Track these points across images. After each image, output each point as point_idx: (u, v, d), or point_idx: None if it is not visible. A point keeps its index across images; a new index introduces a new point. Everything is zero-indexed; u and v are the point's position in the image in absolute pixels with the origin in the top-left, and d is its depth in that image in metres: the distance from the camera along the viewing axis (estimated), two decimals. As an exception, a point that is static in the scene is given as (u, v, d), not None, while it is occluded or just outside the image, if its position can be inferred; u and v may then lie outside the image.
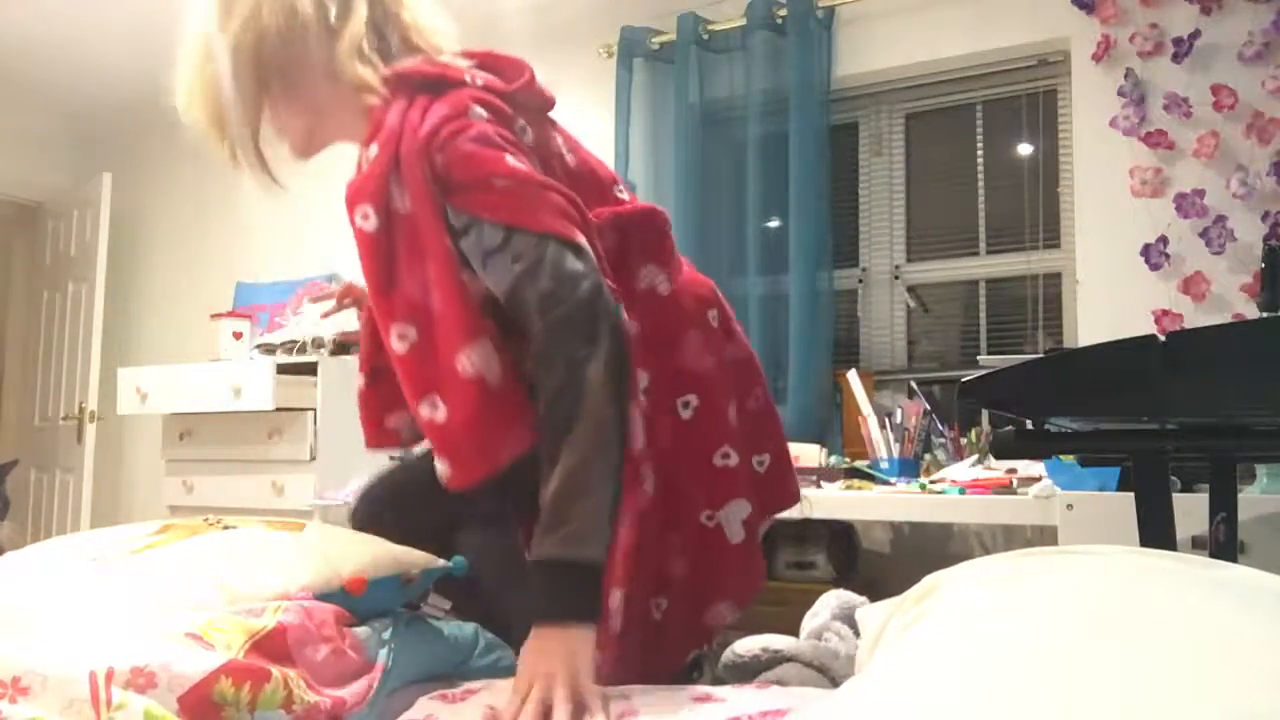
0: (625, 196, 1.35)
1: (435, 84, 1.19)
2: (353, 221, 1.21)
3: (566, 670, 0.95)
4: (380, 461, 1.59)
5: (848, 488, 2.53)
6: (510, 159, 1.13)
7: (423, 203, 1.14)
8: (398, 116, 1.18)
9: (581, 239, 1.12)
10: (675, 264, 1.36)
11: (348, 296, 1.66)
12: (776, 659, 1.37)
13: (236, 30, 1.26)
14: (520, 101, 1.24)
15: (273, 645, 0.87)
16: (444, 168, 1.12)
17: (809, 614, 1.33)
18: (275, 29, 1.23)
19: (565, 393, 1.05)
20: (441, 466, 1.14)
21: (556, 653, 0.97)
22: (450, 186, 1.13)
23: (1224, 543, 1.38)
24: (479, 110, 1.15)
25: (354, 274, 2.03)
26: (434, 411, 1.14)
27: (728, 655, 1.44)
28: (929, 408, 2.77)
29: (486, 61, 1.28)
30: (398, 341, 1.17)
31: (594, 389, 1.05)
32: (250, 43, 1.26)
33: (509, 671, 1.18)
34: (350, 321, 3.69)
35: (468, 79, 1.20)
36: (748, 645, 1.43)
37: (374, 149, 1.19)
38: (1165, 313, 2.69)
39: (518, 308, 1.11)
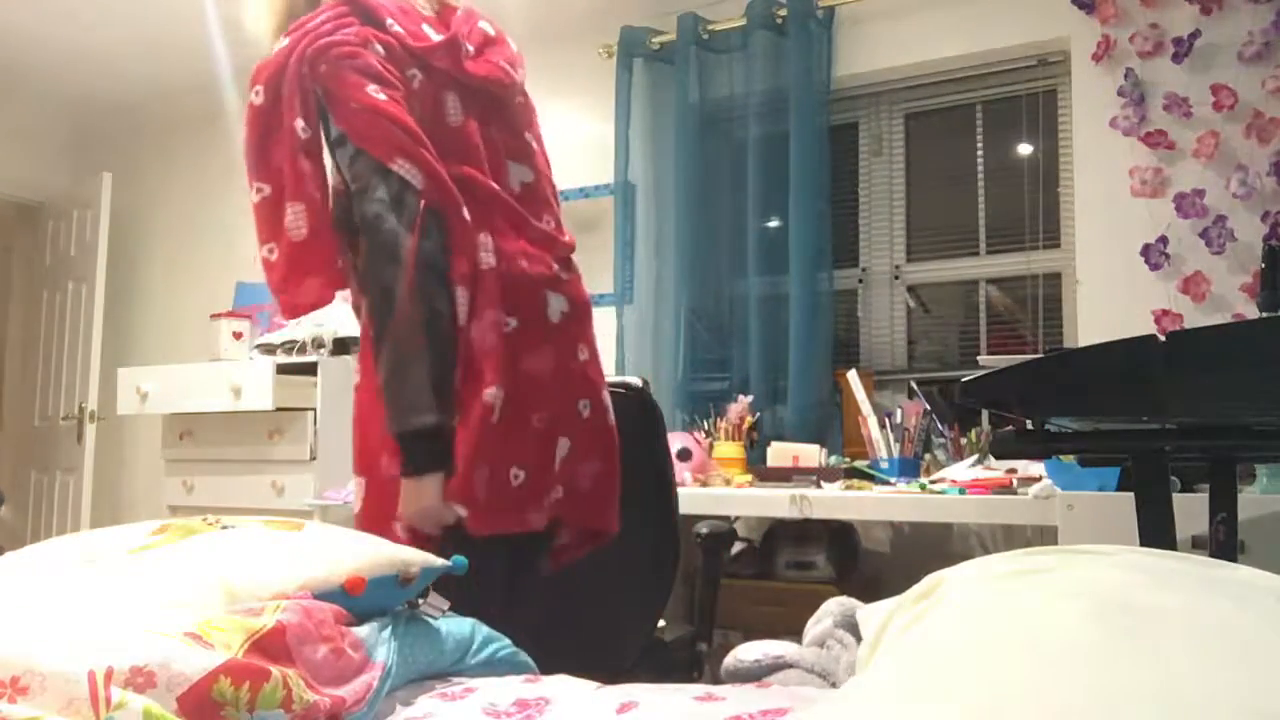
0: (504, 181, 1.52)
1: (362, 12, 1.44)
2: (248, 93, 1.44)
3: (408, 512, 1.35)
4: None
5: (848, 488, 2.53)
6: (373, 89, 1.39)
7: (293, 94, 1.41)
8: (315, 21, 1.43)
9: (406, 169, 1.37)
10: (507, 244, 1.48)
11: None
12: (778, 665, 1.37)
13: None
14: (423, 59, 1.46)
15: (272, 644, 0.86)
16: (323, 77, 1.40)
17: (812, 620, 1.33)
18: None
19: (377, 306, 1.37)
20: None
21: (407, 500, 1.35)
22: (324, 95, 1.41)
23: (1224, 543, 1.38)
24: (377, 46, 1.41)
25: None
26: (270, 255, 1.46)
27: (730, 660, 1.44)
28: (929, 408, 2.77)
29: (431, 21, 1.52)
30: (255, 194, 1.45)
31: (400, 297, 1.34)
32: None
33: (507, 661, 1.18)
34: (351, 322, 3.69)
35: (388, 22, 1.44)
36: (749, 650, 1.43)
37: (284, 40, 1.44)
38: (1165, 313, 2.69)
39: (354, 209, 1.40)
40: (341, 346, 3.63)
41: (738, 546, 2.86)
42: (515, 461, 1.42)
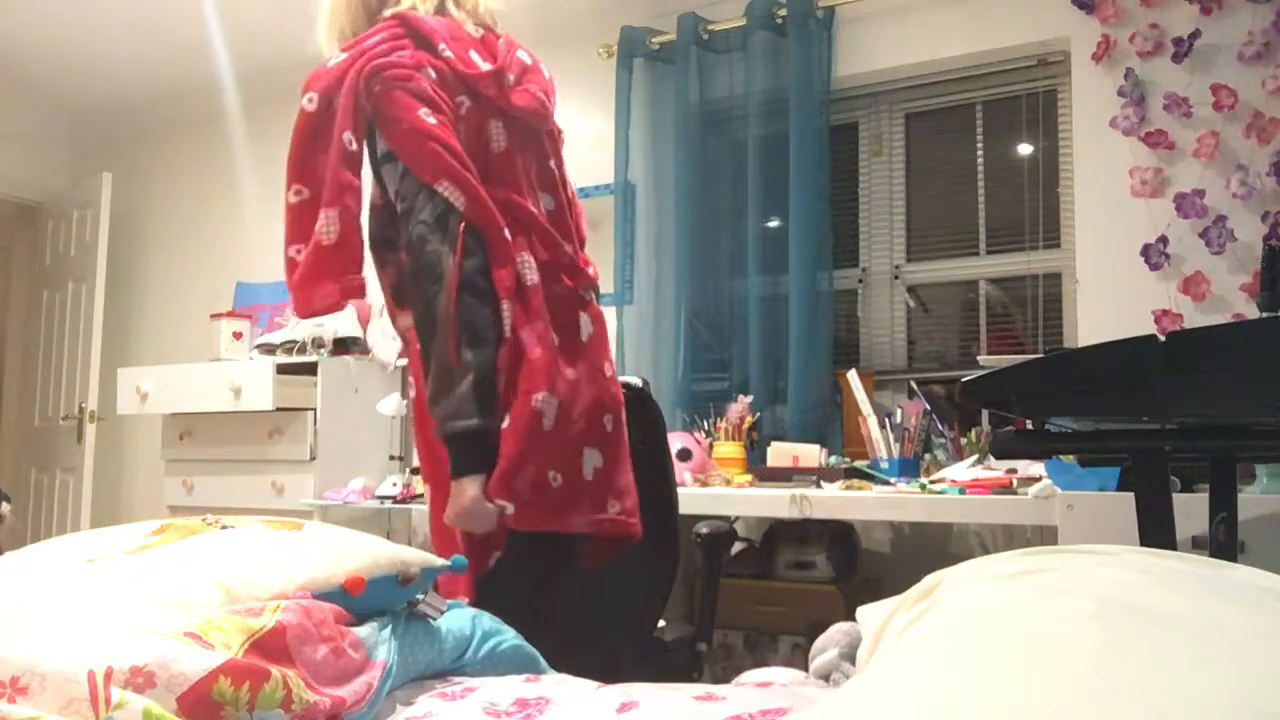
0: (539, 207, 1.59)
1: (416, 35, 1.51)
2: (301, 99, 1.51)
3: (453, 512, 1.42)
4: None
5: (848, 488, 2.53)
6: (424, 112, 1.45)
7: (348, 109, 1.47)
8: (372, 40, 1.50)
9: (450, 190, 1.44)
10: (546, 265, 1.55)
11: None
12: None
13: None
14: (472, 87, 1.52)
15: (272, 644, 0.86)
16: (376, 97, 1.46)
17: (816, 647, 1.34)
18: None
19: (422, 321, 1.45)
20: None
21: (452, 502, 1.42)
22: (375, 114, 1.47)
23: (1224, 543, 1.38)
24: (429, 71, 1.48)
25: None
26: (296, 255, 1.51)
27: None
28: (929, 408, 2.77)
29: (477, 47, 1.58)
30: (294, 196, 1.51)
31: (441, 314, 1.41)
32: None
33: (507, 655, 1.18)
34: (351, 322, 3.69)
35: (440, 47, 1.50)
36: (752, 678, 1.45)
37: (341, 55, 1.51)
38: (1165, 313, 2.69)
39: (401, 228, 1.48)
40: (342, 346, 3.64)
41: (738, 546, 2.86)
42: (554, 465, 1.48)
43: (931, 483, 2.45)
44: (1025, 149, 3.12)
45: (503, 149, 1.54)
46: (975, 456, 2.61)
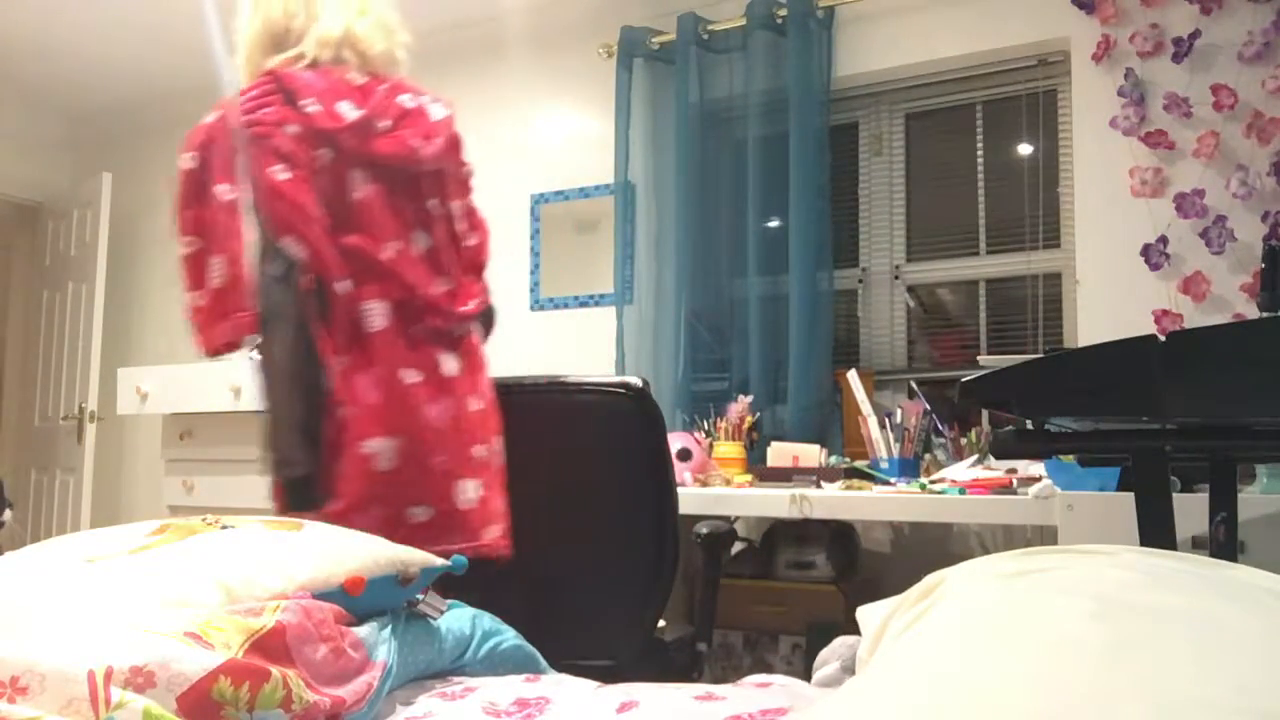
0: (407, 250, 1.66)
1: (285, 91, 1.61)
2: (180, 158, 1.63)
3: None
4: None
5: (848, 488, 2.53)
6: (278, 169, 1.56)
7: (221, 164, 1.58)
8: (246, 97, 1.62)
9: (292, 245, 1.55)
10: (400, 308, 1.63)
11: None
12: None
13: None
14: (333, 139, 1.60)
15: (272, 644, 0.86)
16: (243, 148, 1.57)
17: (819, 659, 1.35)
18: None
19: (262, 366, 1.57)
20: None
21: None
22: (242, 167, 1.57)
23: (1224, 543, 1.38)
24: (290, 128, 1.58)
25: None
26: (197, 301, 1.61)
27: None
28: (929, 408, 2.77)
29: (354, 95, 1.65)
30: (185, 248, 1.62)
31: (277, 361, 1.53)
32: None
33: (507, 655, 1.18)
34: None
35: (304, 103, 1.59)
36: (752, 683, 1.46)
37: (214, 113, 1.64)
38: (1165, 313, 2.69)
39: None
40: (341, 346, 3.63)
41: (738, 546, 2.86)
42: (414, 501, 1.57)
43: (931, 483, 2.45)
44: (1025, 149, 3.12)
45: (361, 196, 1.62)
46: (975, 456, 2.61)
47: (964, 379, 1.31)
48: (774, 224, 3.26)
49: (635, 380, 1.97)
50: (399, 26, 1.76)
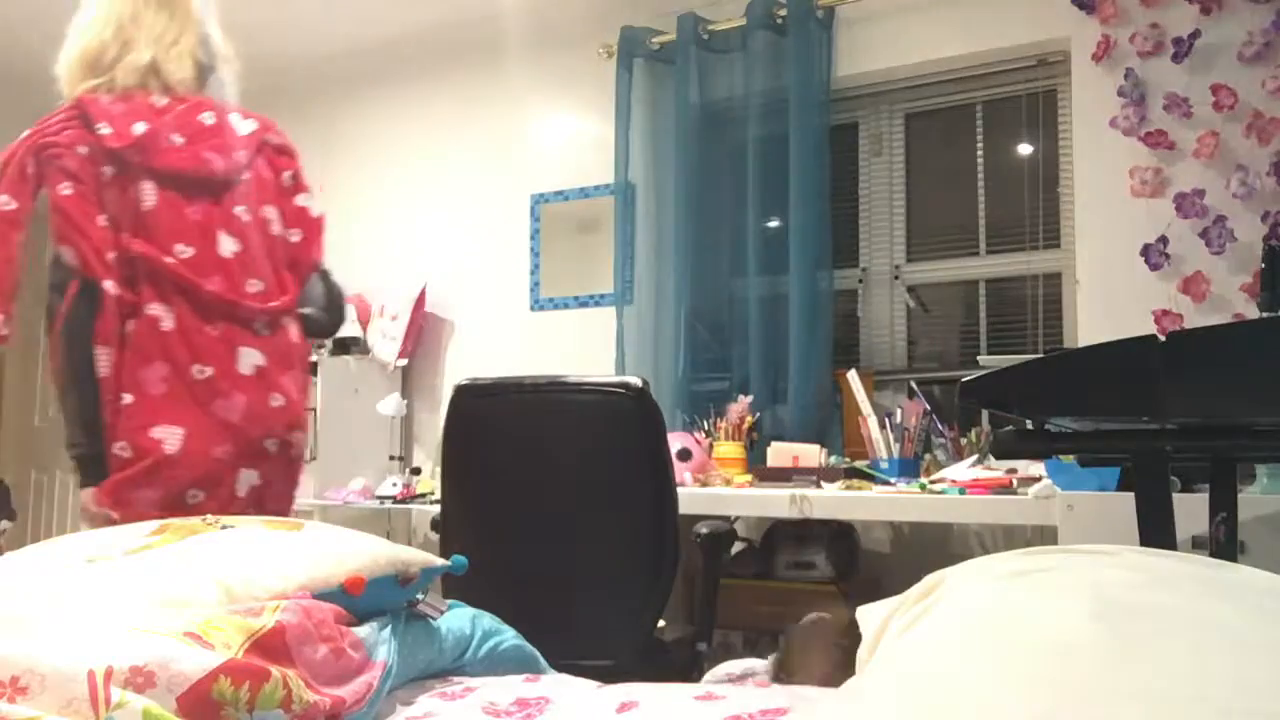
0: (212, 252, 1.81)
1: (84, 116, 1.78)
2: None
3: (81, 513, 1.74)
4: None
5: (848, 488, 2.53)
6: (64, 185, 1.74)
7: (16, 175, 1.75)
8: (50, 120, 1.78)
9: (67, 254, 1.74)
10: (186, 309, 1.77)
11: None
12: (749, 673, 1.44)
13: None
14: (119, 156, 1.77)
15: (272, 645, 0.86)
16: (37, 167, 1.75)
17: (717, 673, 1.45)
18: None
19: (54, 363, 1.76)
20: None
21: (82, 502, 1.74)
22: (39, 184, 1.76)
23: (1224, 543, 1.38)
24: (81, 149, 1.75)
25: (350, 274, 2.00)
26: None
27: (715, 673, 1.47)
28: (929, 408, 2.77)
29: (150, 116, 1.81)
30: None
31: (58, 355, 1.74)
32: None
33: (507, 655, 1.18)
34: (351, 322, 3.69)
35: (98, 126, 1.76)
36: (729, 668, 1.49)
37: (25, 133, 1.79)
38: (1165, 313, 2.69)
39: None
40: (342, 347, 3.64)
41: (738, 546, 2.86)
42: (193, 485, 1.72)
43: (931, 483, 2.45)
44: (1025, 149, 3.12)
45: (151, 205, 1.77)
46: (975, 456, 2.61)
47: (964, 379, 1.31)
48: (774, 224, 3.26)
49: (635, 380, 1.97)
50: (218, 52, 1.99)
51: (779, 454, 2.84)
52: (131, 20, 1.87)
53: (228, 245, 1.82)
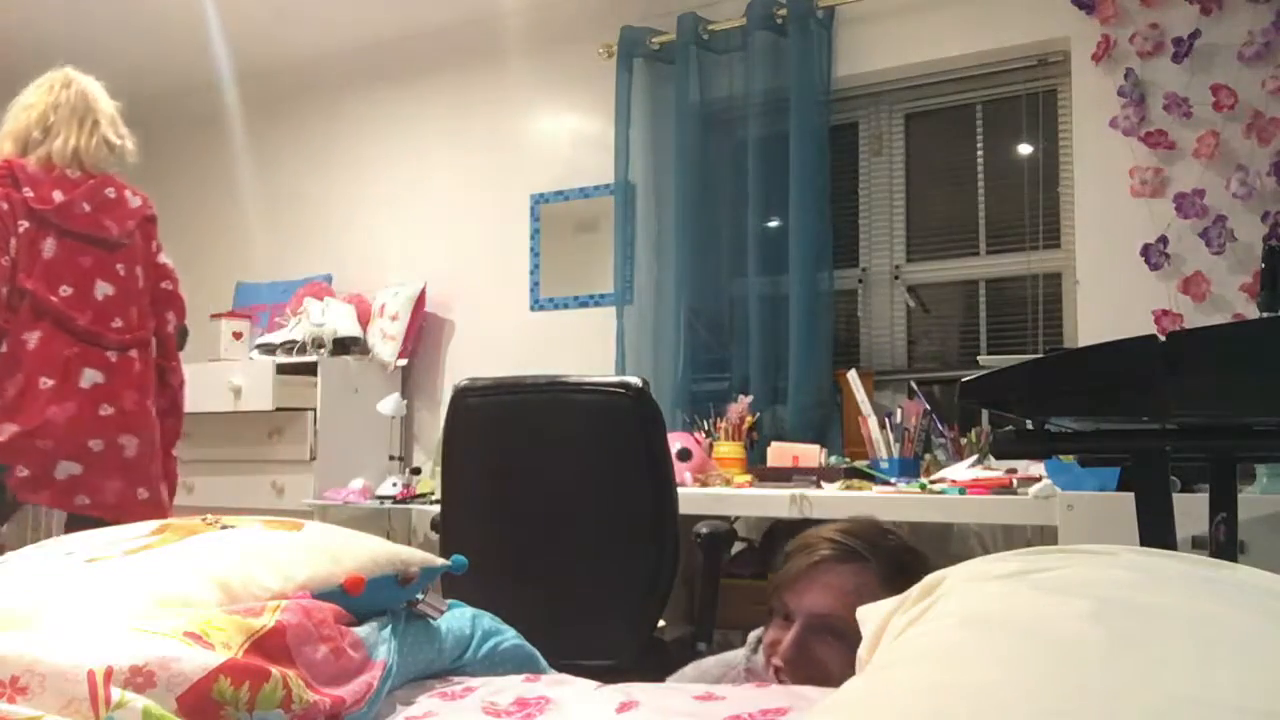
0: (89, 295, 2.35)
1: (11, 177, 2.28)
2: None
3: None
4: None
5: (848, 488, 2.53)
6: None
7: None
8: None
9: None
10: (51, 335, 2.28)
11: None
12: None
13: None
14: (37, 214, 2.29)
15: (272, 644, 0.86)
16: None
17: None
18: None
19: None
20: None
21: None
22: None
23: (1224, 543, 1.38)
24: (2, 204, 2.25)
25: (350, 274, 2.00)
26: None
27: (684, 674, 1.48)
28: (929, 408, 2.77)
29: (66, 187, 2.36)
30: None
31: None
32: None
33: (507, 655, 1.18)
34: (351, 322, 3.69)
35: (24, 188, 2.28)
36: (702, 667, 1.50)
37: None
38: (1165, 313, 2.69)
39: None
40: (341, 347, 3.64)
41: (738, 546, 2.86)
42: (22, 463, 2.23)
43: (931, 483, 2.45)
44: (1025, 149, 3.12)
45: (50, 256, 2.29)
46: (975, 456, 2.61)
47: (964, 379, 1.31)
48: (774, 224, 3.26)
49: (635, 380, 1.97)
50: (123, 134, 2.53)
51: (779, 454, 2.84)
52: (56, 112, 2.39)
53: (102, 290, 2.36)
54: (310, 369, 3.50)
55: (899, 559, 1.30)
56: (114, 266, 2.40)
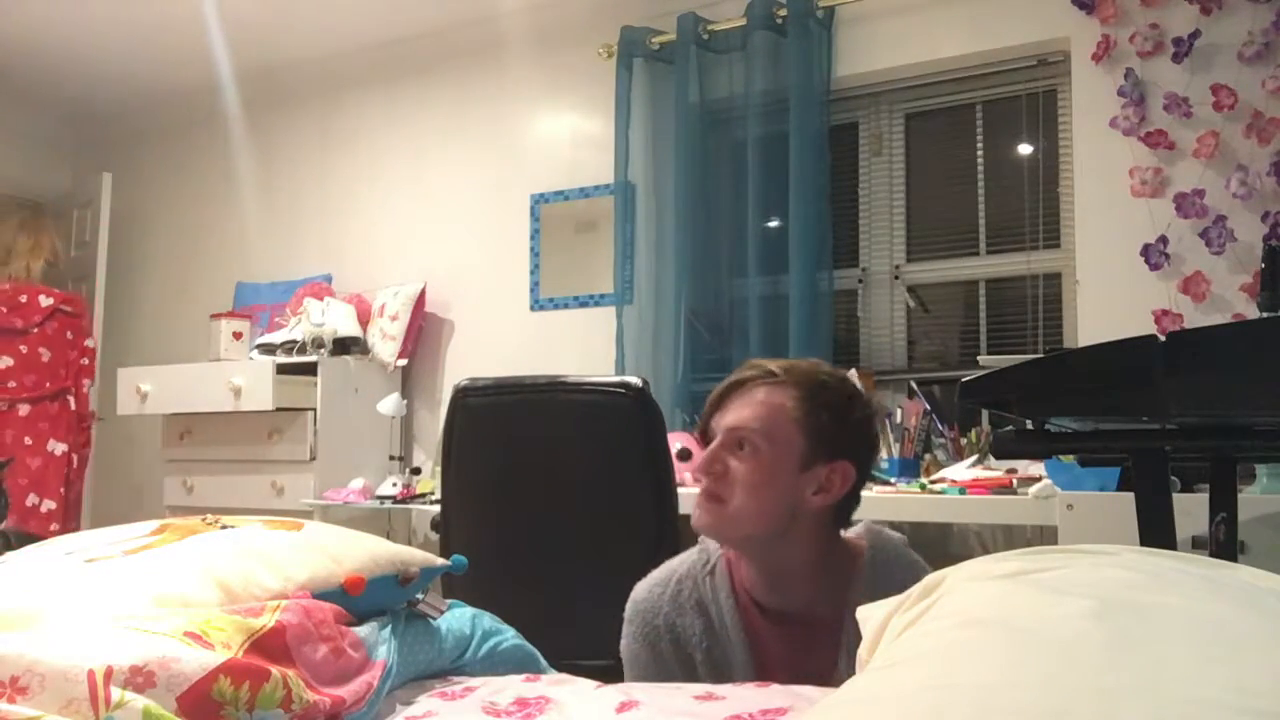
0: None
1: None
2: None
3: None
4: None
5: (848, 488, 2.52)
6: None
7: None
8: None
9: None
10: None
11: None
12: None
13: None
14: None
15: (272, 644, 0.86)
16: None
17: None
18: None
19: None
20: None
21: None
22: None
23: (1224, 543, 1.38)
24: None
25: (350, 274, 2.01)
26: None
27: None
28: (929, 408, 2.76)
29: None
30: None
31: None
32: None
33: (507, 655, 1.18)
34: (351, 322, 3.69)
35: None
36: None
37: None
38: (1165, 313, 2.69)
39: None
40: (342, 346, 3.64)
41: (738, 546, 2.85)
42: None
43: (932, 483, 2.45)
44: (1025, 149, 3.12)
45: None
46: (975, 456, 2.61)
47: (964, 379, 1.31)
48: (774, 224, 3.26)
49: (635, 380, 1.97)
50: (59, 252, 3.12)
51: (779, 454, 2.83)
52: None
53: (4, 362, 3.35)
54: (310, 369, 3.50)
55: (816, 376, 1.37)
56: (18, 348, 3.35)
